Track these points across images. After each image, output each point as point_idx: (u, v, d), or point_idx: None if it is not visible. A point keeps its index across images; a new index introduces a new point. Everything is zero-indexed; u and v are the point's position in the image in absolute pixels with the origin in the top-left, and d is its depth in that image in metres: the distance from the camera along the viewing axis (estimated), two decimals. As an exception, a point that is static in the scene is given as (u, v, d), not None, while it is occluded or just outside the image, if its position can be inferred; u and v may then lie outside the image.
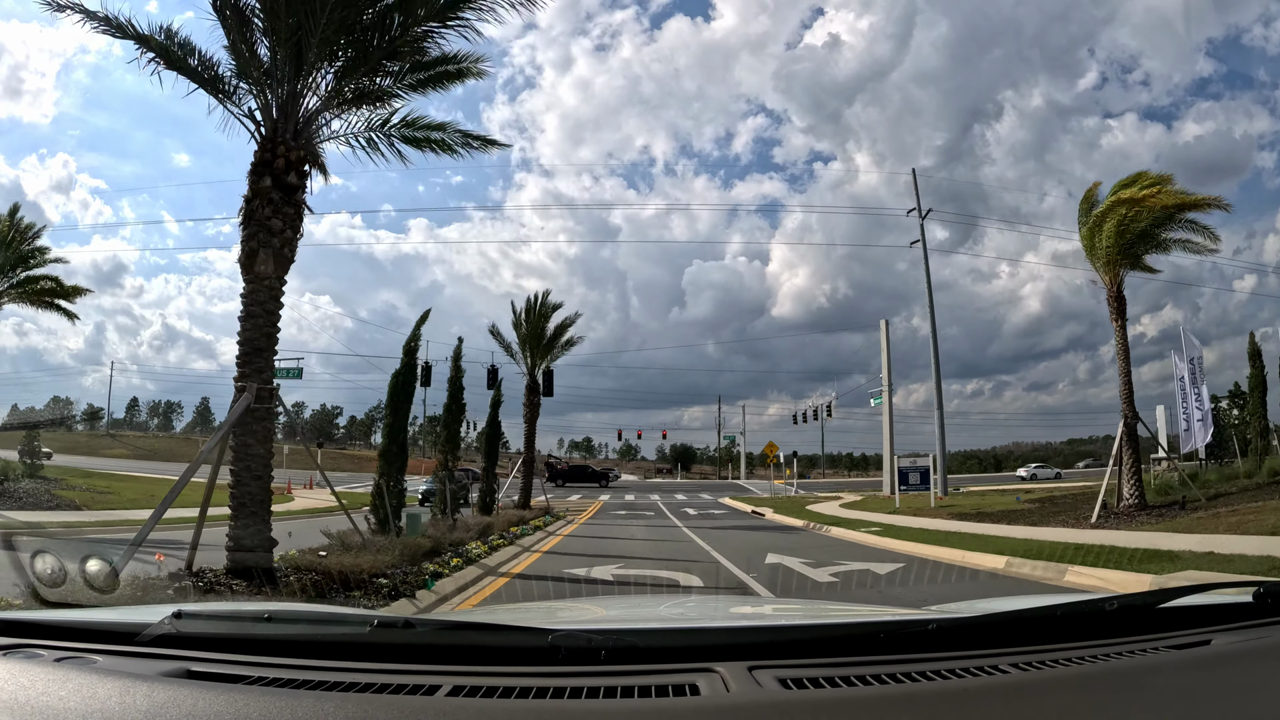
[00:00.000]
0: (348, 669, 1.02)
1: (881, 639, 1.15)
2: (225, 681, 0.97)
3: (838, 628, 1.35)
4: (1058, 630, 1.21)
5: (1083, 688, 0.99)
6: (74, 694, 0.90)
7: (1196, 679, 1.02)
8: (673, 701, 0.92)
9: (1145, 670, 1.07)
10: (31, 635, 1.16)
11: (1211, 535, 8.97)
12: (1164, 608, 1.29)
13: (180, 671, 1.00)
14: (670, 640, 1.24)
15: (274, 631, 1.18)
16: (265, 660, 1.05)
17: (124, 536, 8.04)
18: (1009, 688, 0.98)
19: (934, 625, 1.16)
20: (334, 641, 1.14)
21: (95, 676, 0.96)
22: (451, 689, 0.93)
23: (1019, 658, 1.08)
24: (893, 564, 9.07)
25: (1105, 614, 1.25)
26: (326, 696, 0.91)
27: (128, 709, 0.86)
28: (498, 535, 11.63)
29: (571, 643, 1.06)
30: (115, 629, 1.19)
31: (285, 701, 0.87)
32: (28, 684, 0.94)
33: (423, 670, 1.02)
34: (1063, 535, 10.77)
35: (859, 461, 74.46)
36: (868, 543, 12.79)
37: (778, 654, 1.08)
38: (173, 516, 6.68)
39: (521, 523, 14.49)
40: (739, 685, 0.95)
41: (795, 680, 0.97)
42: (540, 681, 0.96)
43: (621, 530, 16.44)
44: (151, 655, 1.08)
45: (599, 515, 22.21)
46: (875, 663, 1.04)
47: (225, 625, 1.27)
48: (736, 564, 9.35)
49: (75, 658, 1.07)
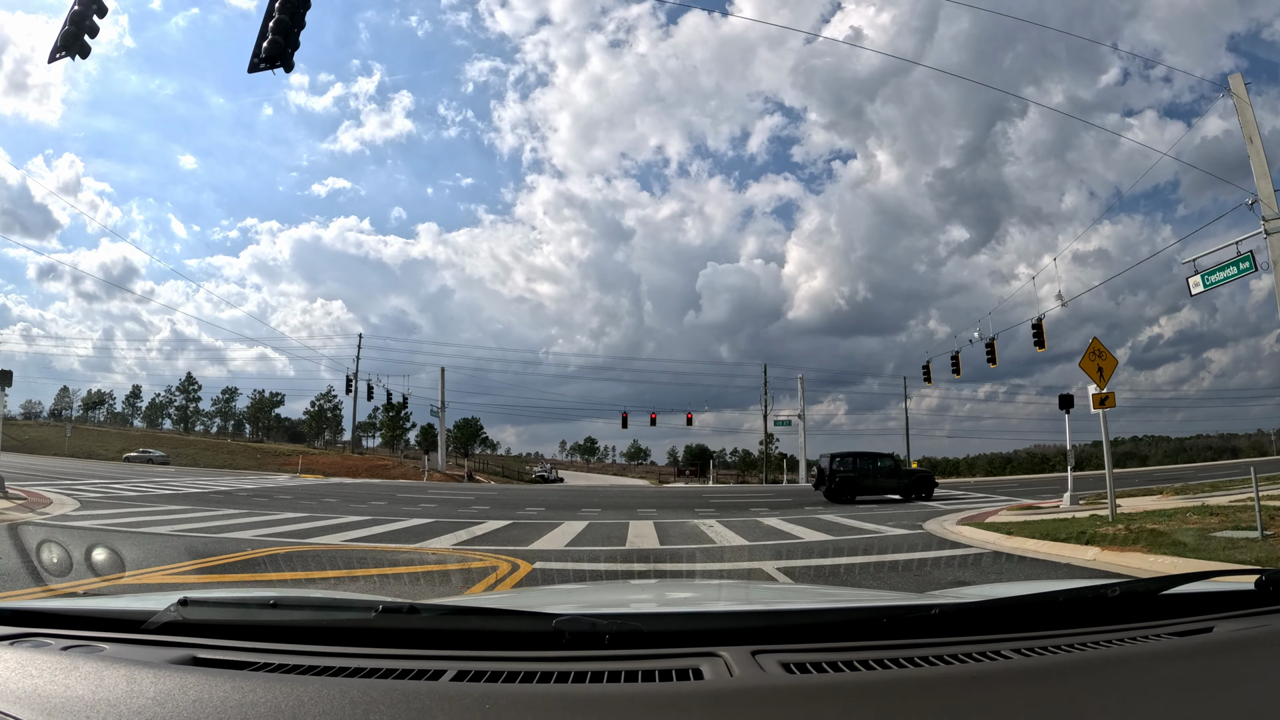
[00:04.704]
0: (353, 654, 1.02)
1: (885, 624, 1.14)
2: (231, 668, 0.98)
3: (840, 612, 1.33)
4: (1061, 616, 1.21)
5: (1084, 673, 0.97)
6: (81, 682, 0.91)
7: (1198, 666, 1.03)
8: (676, 685, 0.92)
9: (1147, 657, 1.07)
10: (38, 624, 1.17)
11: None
12: (1166, 594, 1.31)
13: (187, 659, 1.01)
14: (674, 624, 1.24)
15: (279, 618, 1.16)
16: (271, 646, 1.06)
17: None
18: (1011, 673, 0.99)
19: (937, 610, 1.15)
20: (339, 627, 1.14)
21: (102, 664, 0.97)
22: (456, 673, 0.94)
23: (1021, 643, 1.08)
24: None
25: (1108, 600, 1.26)
26: (332, 682, 0.92)
27: (135, 696, 0.87)
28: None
29: (575, 627, 1.06)
30: (121, 617, 1.20)
31: (291, 687, 0.89)
32: (35, 673, 0.95)
33: (427, 655, 1.02)
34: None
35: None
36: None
37: (781, 638, 1.08)
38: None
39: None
40: (742, 669, 0.96)
41: (798, 665, 0.97)
42: (544, 666, 0.97)
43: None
44: (158, 643, 1.08)
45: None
46: (878, 647, 1.05)
47: (231, 612, 1.26)
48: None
49: (82, 646, 1.08)
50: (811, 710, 0.86)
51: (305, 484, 27.96)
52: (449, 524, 12.22)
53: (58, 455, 46.83)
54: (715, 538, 10.60)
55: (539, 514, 14.93)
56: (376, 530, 10.96)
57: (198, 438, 65.39)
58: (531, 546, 9.36)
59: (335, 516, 13.31)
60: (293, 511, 14.16)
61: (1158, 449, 64.10)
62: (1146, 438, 71.84)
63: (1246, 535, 8.12)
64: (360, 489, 25.04)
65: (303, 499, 18.19)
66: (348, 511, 14.59)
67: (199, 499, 17.02)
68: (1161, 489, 18.64)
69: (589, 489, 34.74)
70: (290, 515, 13.32)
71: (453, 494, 22.69)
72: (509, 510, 15.93)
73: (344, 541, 9.47)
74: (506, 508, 16.81)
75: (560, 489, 35.97)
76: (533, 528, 11.84)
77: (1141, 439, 71.91)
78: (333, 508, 15.50)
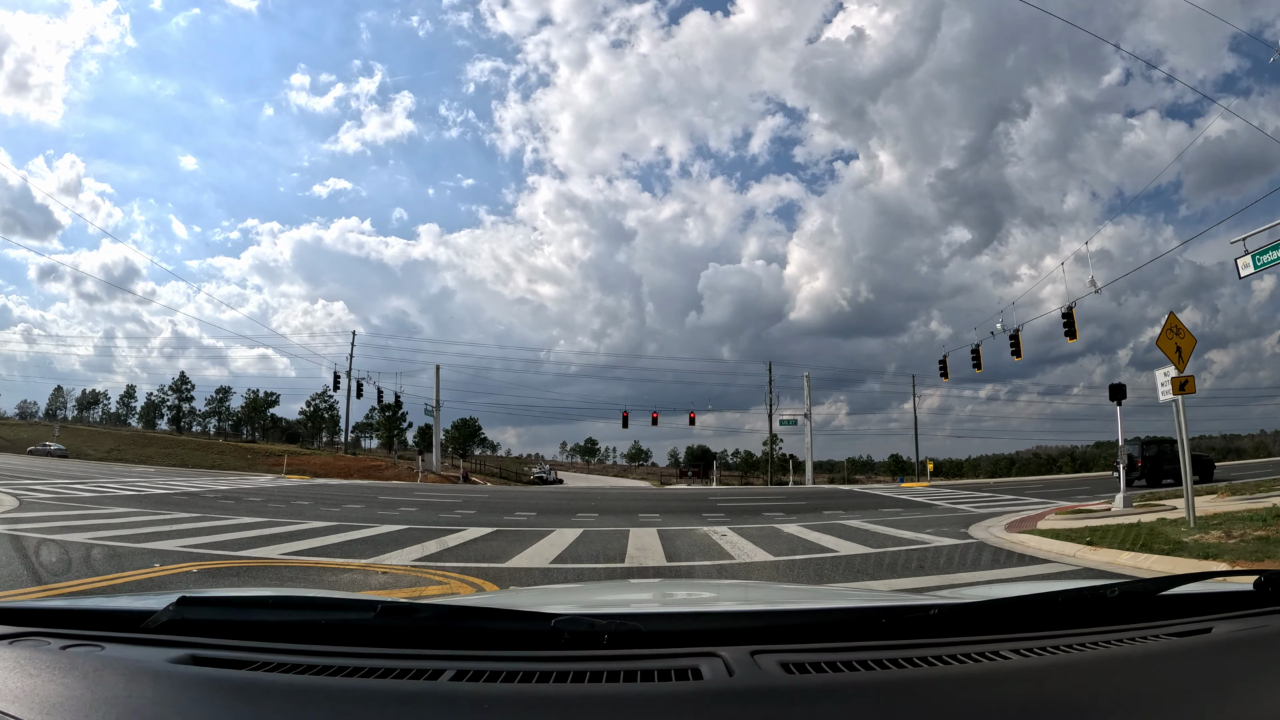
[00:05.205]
0: (352, 654, 1.03)
1: (884, 624, 1.14)
2: (230, 667, 0.98)
3: (839, 612, 1.33)
4: (1059, 617, 1.21)
5: (1083, 674, 0.98)
6: (81, 681, 0.92)
7: (1197, 666, 1.04)
8: (675, 685, 0.92)
9: (1146, 657, 1.08)
10: (37, 623, 1.17)
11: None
12: (1165, 595, 1.31)
13: (186, 658, 1.01)
14: (673, 624, 1.25)
15: (278, 617, 1.17)
16: (270, 646, 1.06)
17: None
18: (1009, 673, 0.99)
19: (936, 610, 1.16)
20: (338, 626, 1.13)
21: (102, 664, 0.98)
22: (455, 673, 0.95)
23: (1020, 644, 1.09)
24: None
25: (1107, 601, 1.26)
26: (331, 681, 0.93)
27: (134, 695, 0.87)
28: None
29: (574, 627, 1.06)
30: (121, 616, 1.20)
31: (290, 686, 0.90)
32: (34, 672, 0.95)
33: (427, 655, 1.03)
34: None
35: (904, 465, 68.84)
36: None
37: (780, 638, 1.09)
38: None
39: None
40: (741, 669, 0.96)
41: (797, 665, 0.97)
42: (543, 665, 0.97)
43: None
44: (157, 642, 1.08)
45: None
46: (877, 647, 1.05)
47: (230, 611, 1.26)
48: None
49: (81, 645, 1.08)
50: (811, 710, 0.87)
51: (285, 485, 26.28)
52: (422, 532, 10.62)
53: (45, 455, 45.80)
54: (732, 551, 8.91)
55: (528, 520, 13.27)
56: (333, 540, 9.36)
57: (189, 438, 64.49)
58: (509, 563, 7.75)
59: (295, 522, 11.73)
60: (251, 516, 12.55)
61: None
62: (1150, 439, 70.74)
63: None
64: (342, 490, 23.40)
65: (272, 501, 16.56)
66: (314, 516, 12.99)
67: (157, 501, 15.45)
68: (1216, 489, 16.99)
69: (588, 491, 32.99)
70: (245, 520, 11.74)
71: (440, 496, 21.01)
72: (496, 515, 14.28)
73: (284, 555, 7.89)
74: (494, 512, 15.14)
75: (557, 491, 34.34)
76: (517, 537, 10.21)
77: (1146, 441, 70.85)
78: (299, 512, 13.89)
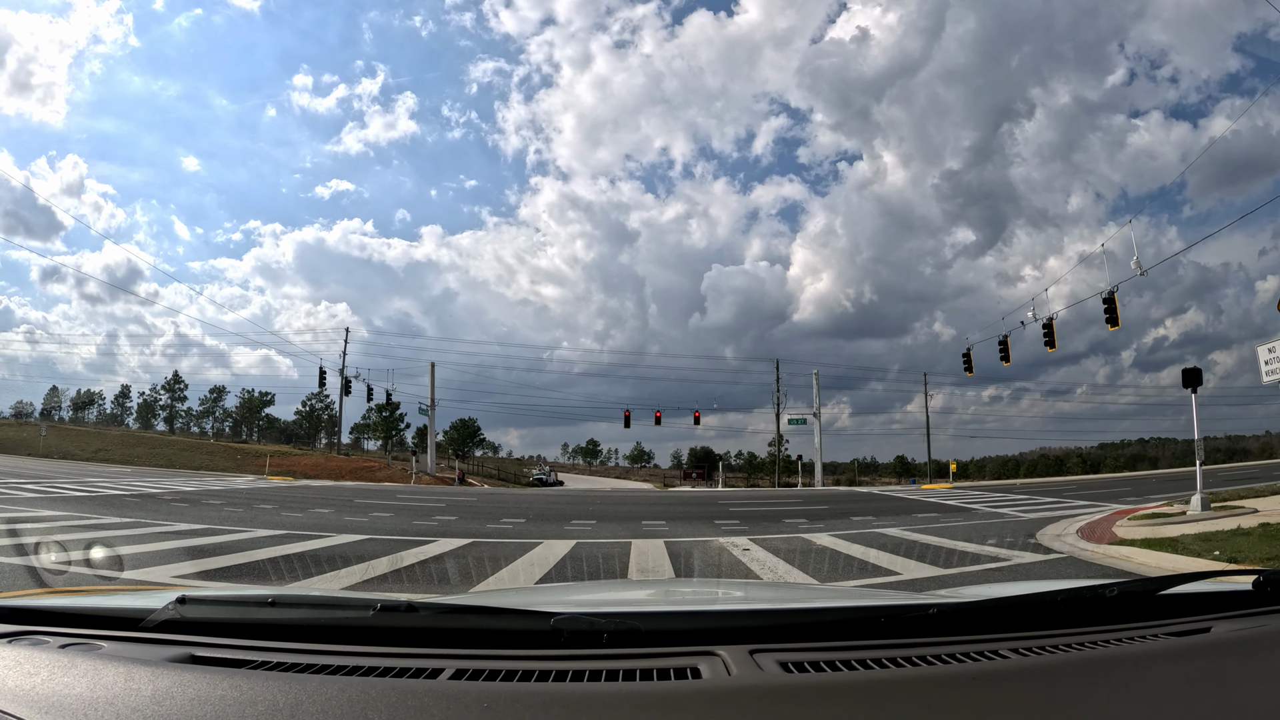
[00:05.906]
0: (351, 653, 1.03)
1: (883, 623, 1.14)
2: (229, 666, 0.98)
3: (837, 611, 1.33)
4: (1059, 616, 1.21)
5: (1082, 674, 0.98)
6: (79, 680, 0.91)
7: (1196, 666, 1.03)
8: (674, 684, 0.93)
9: (1145, 657, 1.08)
10: (36, 622, 1.17)
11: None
12: (1164, 595, 1.31)
13: (184, 657, 1.01)
14: (672, 624, 1.25)
15: (277, 616, 1.17)
16: (269, 645, 1.06)
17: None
18: (1008, 673, 0.99)
19: (934, 610, 1.16)
20: (337, 626, 1.14)
21: (100, 662, 0.98)
22: (454, 672, 0.95)
23: (1019, 643, 1.08)
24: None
25: (1106, 600, 1.26)
26: (330, 680, 0.93)
27: (133, 694, 0.87)
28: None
29: (574, 626, 1.06)
30: (119, 615, 1.21)
31: (289, 685, 0.89)
32: (33, 670, 0.95)
33: (425, 654, 1.03)
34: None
35: (910, 467, 65.97)
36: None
37: (779, 637, 1.09)
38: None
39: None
40: (740, 668, 0.96)
41: (796, 664, 0.98)
42: (542, 664, 0.97)
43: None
44: (156, 641, 1.09)
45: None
46: (876, 647, 1.05)
47: (228, 610, 1.26)
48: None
49: (80, 644, 1.08)
50: (809, 709, 0.86)
51: (261, 487, 24.48)
52: (382, 544, 8.88)
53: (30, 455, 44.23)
54: (763, 574, 6.98)
55: (514, 529, 11.46)
56: (262, 555, 7.58)
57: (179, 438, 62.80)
58: (474, 590, 6.01)
59: (241, 530, 10.02)
60: (190, 523, 10.81)
61: (1166, 451, 61.15)
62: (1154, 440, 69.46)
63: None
64: (319, 493, 21.56)
65: (232, 505, 14.78)
66: (269, 523, 11.26)
67: (102, 503, 13.83)
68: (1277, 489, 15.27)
69: (588, 493, 31.00)
70: (183, 528, 10.05)
71: (423, 500, 19.17)
72: (478, 523, 12.46)
73: (174, 578, 6.14)
74: (477, 519, 13.33)
75: (555, 493, 32.51)
76: (496, 552, 8.47)
77: (1149, 441, 69.64)
78: (252, 519, 12.12)
